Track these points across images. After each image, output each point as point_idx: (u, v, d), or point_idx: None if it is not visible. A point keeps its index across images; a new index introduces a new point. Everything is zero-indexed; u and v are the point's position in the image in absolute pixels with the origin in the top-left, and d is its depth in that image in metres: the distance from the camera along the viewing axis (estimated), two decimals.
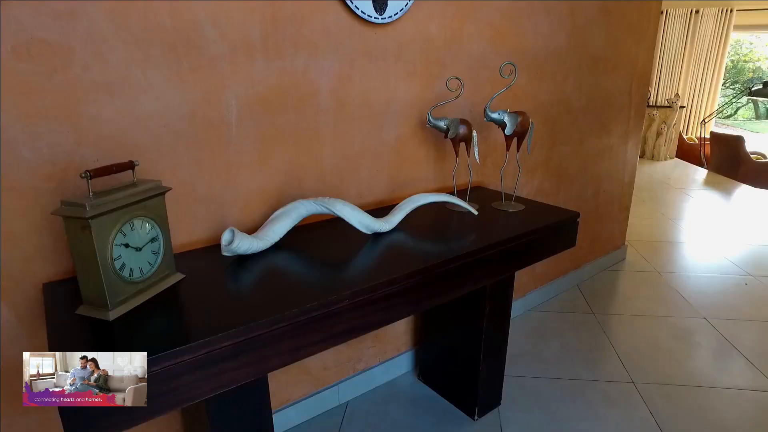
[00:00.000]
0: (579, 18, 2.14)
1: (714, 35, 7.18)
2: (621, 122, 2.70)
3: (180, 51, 1.13)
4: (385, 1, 1.39)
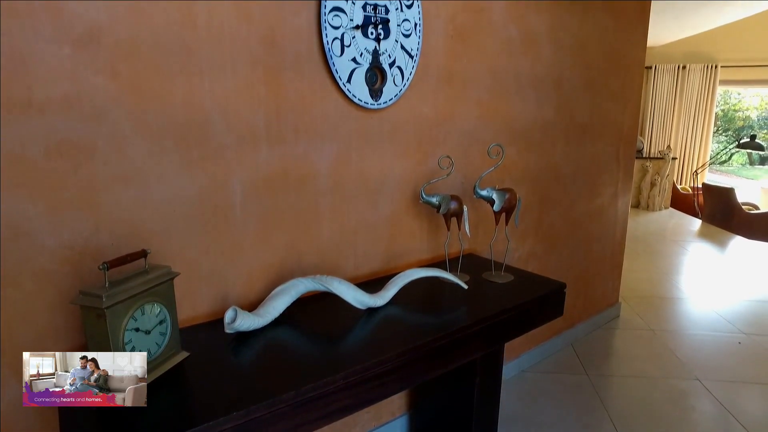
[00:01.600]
0: (564, 91, 2.28)
1: (701, 89, 7.47)
2: (610, 184, 2.81)
3: (191, 142, 1.23)
4: (381, 88, 1.52)
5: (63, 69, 1.05)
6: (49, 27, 1.02)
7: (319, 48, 1.38)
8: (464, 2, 1.75)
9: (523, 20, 1.98)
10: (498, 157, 1.58)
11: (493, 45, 1.88)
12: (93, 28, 1.07)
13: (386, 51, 1.50)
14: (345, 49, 1.41)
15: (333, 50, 1.38)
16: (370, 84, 1.48)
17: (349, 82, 1.43)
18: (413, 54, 1.58)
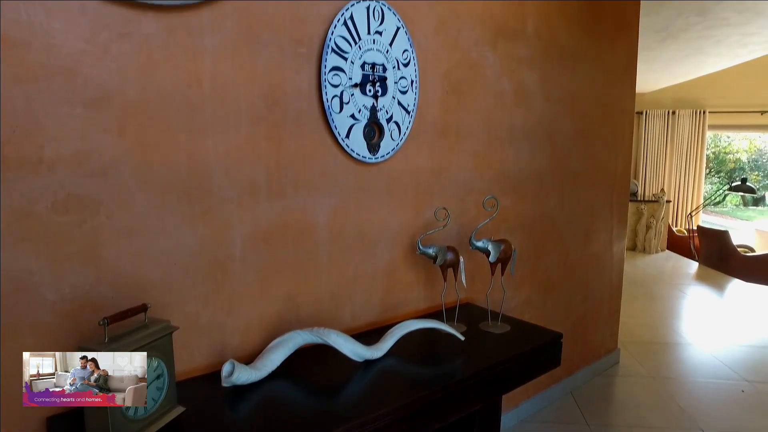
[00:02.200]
0: (557, 140, 2.36)
1: (691, 133, 7.65)
2: (604, 231, 2.85)
3: (193, 196, 1.27)
4: (378, 143, 1.57)
5: (74, 128, 1.09)
6: (65, 89, 1.08)
7: (319, 105, 1.44)
8: (459, 59, 1.83)
9: (515, 75, 2.07)
10: (493, 209, 1.62)
11: (487, 99, 1.96)
12: (104, 89, 1.13)
13: (384, 107, 1.56)
14: (344, 106, 1.47)
15: (332, 107, 1.44)
16: (368, 139, 1.53)
17: (348, 137, 1.48)
18: (410, 109, 1.64)
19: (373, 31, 1.51)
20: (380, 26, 1.53)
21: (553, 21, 2.23)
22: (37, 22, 1.04)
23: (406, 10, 1.62)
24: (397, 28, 1.57)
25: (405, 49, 1.60)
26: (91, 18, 1.10)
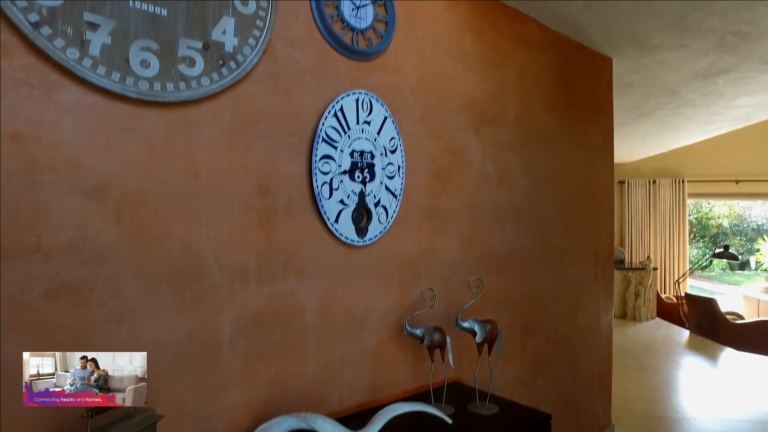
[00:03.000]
0: (541, 218, 2.44)
1: (672, 201, 7.88)
2: (592, 304, 2.88)
3: (185, 283, 1.29)
4: (366, 227, 1.63)
5: (73, 217, 1.14)
6: (68, 181, 1.13)
7: (310, 192, 1.51)
8: (444, 145, 1.94)
9: (498, 158, 2.18)
10: (478, 289, 1.66)
11: (472, 181, 2.05)
12: (105, 180, 1.18)
13: (372, 192, 1.64)
14: (333, 192, 1.54)
15: (322, 194, 1.51)
16: (356, 223, 1.59)
17: (337, 222, 1.54)
18: (397, 194, 1.72)
19: (362, 121, 1.62)
20: (369, 116, 1.64)
21: (532, 107, 2.39)
22: (50, 120, 1.12)
23: (393, 101, 1.74)
24: (385, 118, 1.68)
25: (392, 137, 1.71)
26: (98, 115, 1.18)
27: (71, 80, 1.15)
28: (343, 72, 1.61)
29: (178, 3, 1.31)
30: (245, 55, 1.40)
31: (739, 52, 2.96)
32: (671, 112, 4.54)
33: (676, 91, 3.87)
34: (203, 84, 1.33)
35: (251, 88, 1.42)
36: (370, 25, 1.66)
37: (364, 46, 1.64)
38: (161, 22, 1.28)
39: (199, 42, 1.33)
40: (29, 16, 1.10)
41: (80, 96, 1.16)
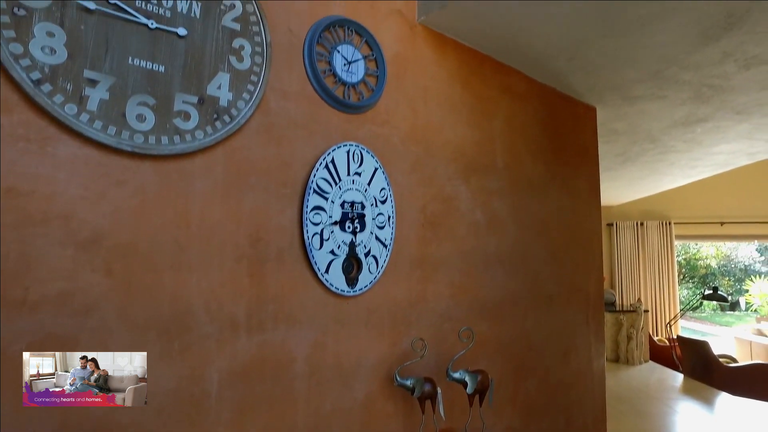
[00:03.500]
0: (531, 264, 2.46)
1: (660, 243, 7.97)
2: (583, 348, 2.86)
3: (173, 333, 1.28)
4: (357, 277, 1.64)
5: (63, 268, 1.14)
6: (59, 233, 1.14)
7: (300, 242, 1.53)
8: (434, 193, 1.98)
9: (487, 206, 2.22)
10: (469, 339, 1.65)
11: (462, 229, 2.08)
12: (97, 232, 1.19)
13: (362, 242, 1.65)
14: (324, 242, 1.55)
15: (313, 244, 1.52)
16: (346, 273, 1.60)
17: (327, 272, 1.55)
18: (387, 243, 1.73)
19: (352, 172, 1.65)
20: (359, 168, 1.67)
21: (520, 154, 2.45)
22: (45, 173, 1.13)
23: (383, 152, 1.79)
24: (375, 169, 1.72)
25: (383, 187, 1.74)
26: (93, 167, 1.20)
27: (68, 134, 1.17)
28: (335, 124, 1.65)
29: (176, 59, 1.36)
30: (239, 108, 1.44)
31: (714, 103, 3.08)
32: (655, 157, 4.67)
33: (658, 138, 4.00)
34: (197, 137, 1.36)
35: (244, 140, 1.45)
36: (361, 79, 1.72)
37: (356, 100, 1.69)
38: (158, 78, 1.32)
39: (195, 97, 1.37)
40: (31, 74, 1.14)
41: (76, 149, 1.18)
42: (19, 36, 1.13)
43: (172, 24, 1.36)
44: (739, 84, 2.76)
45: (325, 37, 1.64)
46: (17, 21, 1.13)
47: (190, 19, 1.39)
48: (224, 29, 1.45)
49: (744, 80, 2.71)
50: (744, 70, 2.59)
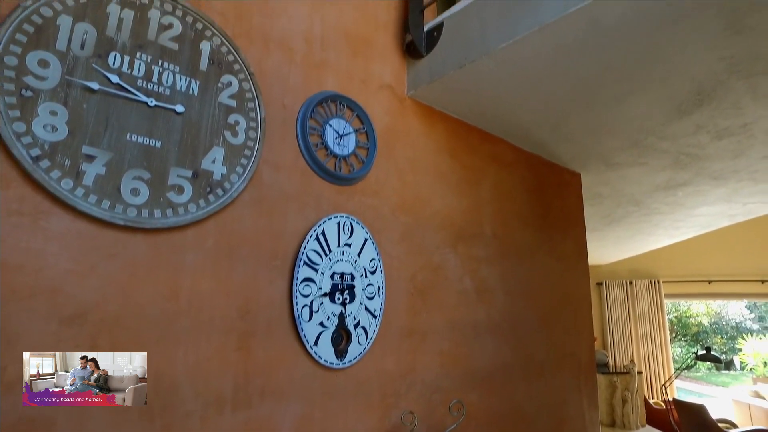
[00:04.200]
0: (520, 332, 2.44)
1: (650, 302, 7.96)
2: (577, 417, 2.79)
3: (156, 411, 1.24)
4: (346, 348, 1.62)
5: (45, 344, 1.11)
6: (45, 307, 1.13)
7: (290, 314, 1.52)
8: (423, 262, 1.99)
9: (476, 273, 2.23)
10: (459, 413, 1.62)
11: (451, 298, 2.08)
12: (83, 306, 1.18)
13: (352, 313, 1.65)
14: (313, 314, 1.55)
15: (302, 316, 1.52)
16: (335, 345, 1.59)
17: (316, 344, 1.54)
18: (376, 314, 1.73)
19: (343, 243, 1.67)
20: (349, 239, 1.70)
21: (508, 221, 2.50)
22: (35, 247, 1.14)
23: (373, 223, 1.82)
24: (365, 240, 1.75)
25: (372, 258, 1.76)
26: (84, 241, 1.21)
27: (61, 208, 1.19)
28: (326, 196, 1.69)
29: (173, 135, 1.40)
30: (232, 182, 1.48)
31: (692, 170, 3.21)
32: (639, 219, 4.77)
33: (642, 201, 4.11)
34: (190, 210, 1.38)
35: (236, 212, 1.48)
36: (352, 151, 1.78)
37: (347, 172, 1.74)
38: (155, 153, 1.36)
39: (189, 171, 1.41)
40: (31, 151, 1.17)
41: (68, 223, 1.20)
42: (23, 115, 1.17)
43: (171, 101, 1.41)
44: (714, 152, 2.89)
45: (318, 111, 1.71)
46: (23, 101, 1.18)
47: (189, 96, 1.45)
48: (220, 105, 1.51)
49: (717, 149, 2.83)
50: (717, 141, 2.71)
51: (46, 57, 1.23)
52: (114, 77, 1.32)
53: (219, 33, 1.54)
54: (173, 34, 1.46)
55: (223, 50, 1.54)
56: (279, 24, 1.70)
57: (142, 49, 1.39)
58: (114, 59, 1.34)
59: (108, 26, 1.34)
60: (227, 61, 1.54)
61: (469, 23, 1.86)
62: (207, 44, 1.52)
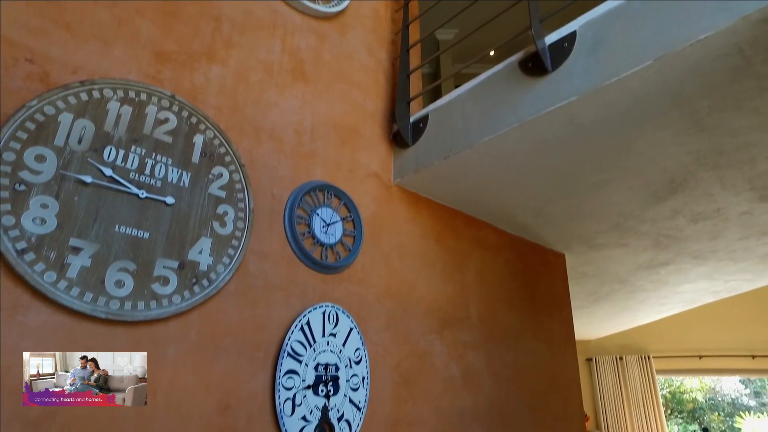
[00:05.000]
0: (508, 419, 2.37)
1: (642, 377, 7.79)
2: None
3: None
4: None
5: None
6: (9, 408, 1.07)
7: (271, 408, 1.47)
8: (409, 350, 1.97)
9: (462, 359, 2.20)
10: None
11: (437, 386, 2.04)
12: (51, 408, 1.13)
13: (335, 406, 1.60)
14: (296, 408, 1.50)
15: (284, 410, 1.47)
16: None
17: None
18: (361, 406, 1.68)
19: (327, 333, 1.65)
20: (335, 329, 1.68)
21: (494, 305, 2.50)
22: (8, 343, 1.11)
23: (359, 311, 1.81)
24: (351, 329, 1.73)
25: (357, 347, 1.73)
26: (62, 335, 1.18)
27: (42, 301, 1.18)
28: (312, 285, 1.69)
29: (161, 226, 1.42)
30: (218, 272, 1.48)
31: (673, 250, 3.28)
32: (625, 296, 4.80)
33: (626, 279, 4.15)
34: (174, 302, 1.37)
35: (221, 303, 1.47)
36: (339, 240, 1.81)
37: (333, 260, 1.76)
38: (142, 244, 1.37)
39: (176, 261, 1.41)
40: (17, 245, 1.17)
41: (47, 317, 1.18)
42: (14, 209, 1.18)
43: (162, 193, 1.44)
44: (692, 234, 2.97)
45: (306, 200, 1.76)
46: (15, 195, 1.19)
47: (179, 188, 1.49)
48: (210, 197, 1.54)
49: (695, 232, 2.92)
50: (693, 224, 2.80)
51: (43, 152, 1.27)
52: (108, 170, 1.36)
53: (212, 126, 1.61)
54: (168, 128, 1.52)
55: (215, 143, 1.60)
56: (271, 116, 1.78)
57: (137, 143, 1.44)
58: (109, 153, 1.38)
59: (107, 122, 1.40)
60: (219, 153, 1.60)
61: (453, 117, 1.97)
62: (200, 137, 1.57)
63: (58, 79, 1.34)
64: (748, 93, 1.57)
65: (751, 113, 1.68)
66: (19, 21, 1.31)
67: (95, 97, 1.39)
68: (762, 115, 1.69)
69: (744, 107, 1.64)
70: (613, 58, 1.50)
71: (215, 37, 1.72)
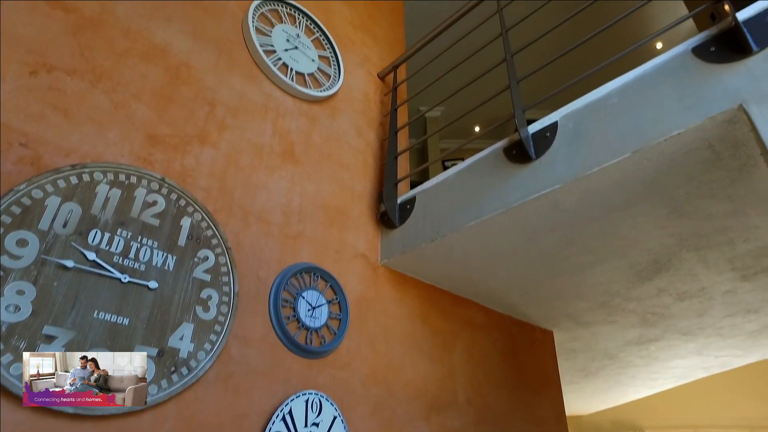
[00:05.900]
0: None
1: None
2: None
3: None
4: None
5: None
6: None
7: None
8: None
9: None
10: None
11: None
12: None
13: None
14: None
15: None
16: None
17: None
18: None
19: (310, 423, 1.58)
20: (318, 418, 1.60)
21: (482, 386, 2.43)
22: None
23: (343, 398, 1.74)
24: (334, 418, 1.65)
25: None
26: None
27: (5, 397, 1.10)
28: (295, 371, 1.63)
29: (142, 312, 1.38)
30: (199, 360, 1.42)
31: (661, 327, 3.27)
32: (615, 372, 4.71)
33: (616, 355, 4.09)
34: (150, 393, 1.30)
35: (200, 392, 1.40)
36: (324, 323, 1.77)
37: (318, 345, 1.71)
38: (121, 331, 1.32)
39: (155, 349, 1.36)
40: None
41: (8, 414, 1.10)
42: None
43: (145, 277, 1.42)
44: (679, 312, 2.98)
45: (292, 283, 1.74)
46: None
47: (163, 271, 1.46)
48: (194, 280, 1.52)
49: (681, 309, 2.93)
50: (679, 302, 2.81)
51: (26, 236, 1.25)
52: (91, 254, 1.34)
53: (200, 209, 1.61)
54: (156, 210, 1.52)
55: (203, 225, 1.60)
56: (259, 198, 1.80)
57: (123, 226, 1.43)
58: (94, 236, 1.37)
59: (94, 205, 1.40)
60: (206, 236, 1.59)
61: (439, 200, 2.01)
62: (188, 220, 1.57)
63: (50, 162, 1.35)
64: (720, 183, 1.63)
65: (725, 200, 1.74)
66: (19, 107, 1.34)
67: (85, 180, 1.39)
68: (735, 203, 1.75)
69: (718, 195, 1.70)
70: (594, 148, 1.56)
71: (208, 120, 1.76)
